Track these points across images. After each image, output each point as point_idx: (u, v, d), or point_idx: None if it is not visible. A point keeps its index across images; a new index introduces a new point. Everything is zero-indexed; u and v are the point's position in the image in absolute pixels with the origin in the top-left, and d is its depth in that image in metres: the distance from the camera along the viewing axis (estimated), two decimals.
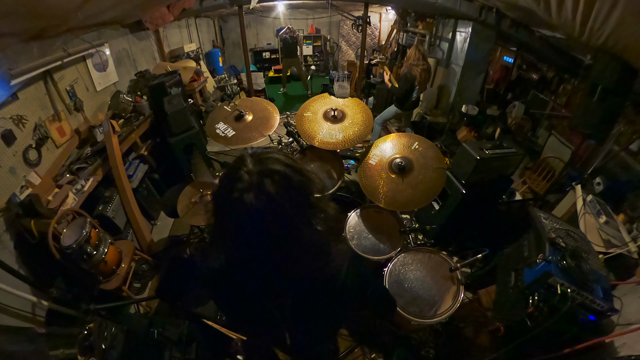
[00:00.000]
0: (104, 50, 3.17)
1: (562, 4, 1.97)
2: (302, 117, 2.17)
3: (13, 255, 1.96)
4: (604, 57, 2.12)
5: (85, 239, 1.97)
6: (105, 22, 2.82)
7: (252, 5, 4.54)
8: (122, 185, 2.64)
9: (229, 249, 0.69)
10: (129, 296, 2.26)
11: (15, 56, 1.98)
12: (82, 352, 1.32)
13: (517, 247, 1.91)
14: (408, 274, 1.70)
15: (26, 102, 2.22)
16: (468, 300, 2.18)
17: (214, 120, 2.28)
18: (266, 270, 0.70)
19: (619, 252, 1.92)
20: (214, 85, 6.10)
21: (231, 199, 0.60)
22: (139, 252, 2.57)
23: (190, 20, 6.01)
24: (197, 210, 2.20)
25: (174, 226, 3.22)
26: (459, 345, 2.03)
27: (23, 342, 1.40)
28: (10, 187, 2.02)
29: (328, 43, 8.99)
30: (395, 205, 1.86)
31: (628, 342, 1.43)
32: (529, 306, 1.49)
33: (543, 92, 4.20)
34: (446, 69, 4.76)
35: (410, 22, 5.63)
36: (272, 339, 1.06)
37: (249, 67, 5.57)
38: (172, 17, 3.83)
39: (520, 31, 3.64)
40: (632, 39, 1.83)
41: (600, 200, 2.33)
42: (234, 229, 0.64)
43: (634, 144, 2.58)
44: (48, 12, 1.76)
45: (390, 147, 1.99)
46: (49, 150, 2.42)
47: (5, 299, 1.77)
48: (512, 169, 2.46)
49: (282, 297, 0.78)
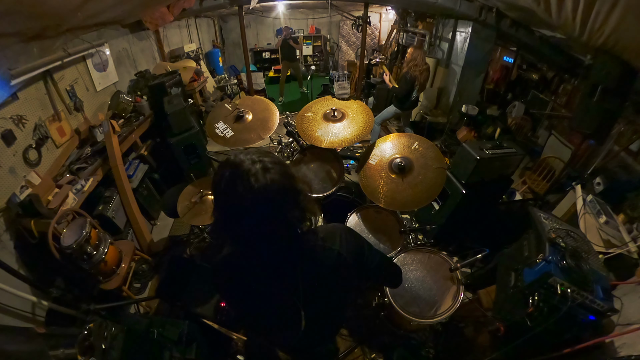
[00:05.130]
0: (104, 50, 3.17)
1: (562, 4, 1.97)
2: (302, 117, 2.17)
3: (13, 255, 1.96)
4: (604, 57, 2.12)
5: (85, 239, 1.97)
6: (105, 22, 2.82)
7: (252, 5, 4.54)
8: (122, 185, 2.64)
9: (232, 237, 0.75)
10: (129, 296, 2.27)
11: (15, 56, 1.98)
12: (82, 352, 1.31)
13: (517, 247, 1.91)
14: (408, 274, 1.70)
15: (26, 102, 2.22)
16: (468, 300, 2.18)
17: (214, 118, 2.28)
18: (265, 258, 0.77)
19: (619, 252, 1.92)
20: (214, 85, 6.10)
21: (223, 192, 0.69)
22: (139, 252, 2.57)
23: (190, 20, 6.01)
24: (197, 210, 2.20)
25: (174, 226, 3.22)
26: (459, 345, 2.03)
27: (23, 342, 1.40)
28: (10, 187, 2.02)
29: (328, 43, 8.99)
30: (395, 205, 1.85)
31: (628, 342, 1.43)
32: (529, 306, 1.49)
33: (543, 92, 4.21)
34: (446, 69, 4.76)
35: (410, 22, 5.63)
36: (284, 331, 1.05)
37: (249, 67, 5.57)
38: (172, 17, 3.82)
39: (520, 31, 3.64)
40: (632, 39, 1.83)
41: (600, 200, 2.33)
42: (234, 217, 0.70)
43: (634, 144, 2.58)
44: (48, 12, 1.76)
45: (390, 147, 1.98)
46: (49, 150, 2.42)
47: (5, 299, 1.77)
48: (512, 169, 2.46)
49: (292, 281, 0.81)
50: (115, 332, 1.44)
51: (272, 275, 0.81)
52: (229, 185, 0.68)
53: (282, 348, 1.23)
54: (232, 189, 0.67)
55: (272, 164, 0.69)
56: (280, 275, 0.81)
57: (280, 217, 0.71)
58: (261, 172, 0.67)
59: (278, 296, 0.84)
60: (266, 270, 0.80)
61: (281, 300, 0.84)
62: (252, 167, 0.67)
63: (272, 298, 0.85)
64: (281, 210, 0.70)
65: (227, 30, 8.25)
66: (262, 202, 0.67)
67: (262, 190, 0.66)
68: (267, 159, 0.70)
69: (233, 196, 0.67)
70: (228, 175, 0.68)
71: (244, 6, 4.72)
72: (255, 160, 0.69)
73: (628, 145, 2.62)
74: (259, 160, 0.69)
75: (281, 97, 6.88)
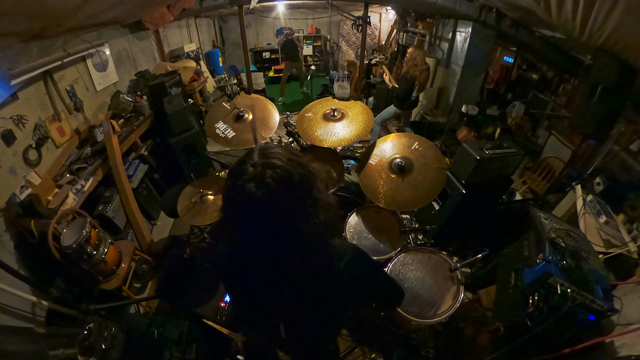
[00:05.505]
0: (104, 50, 3.17)
1: (562, 4, 1.97)
2: (302, 117, 2.17)
3: (13, 255, 1.96)
4: (604, 57, 2.12)
5: (85, 239, 1.97)
6: (105, 22, 2.83)
7: (252, 5, 4.54)
8: (122, 185, 2.64)
9: (232, 236, 0.72)
10: (129, 296, 2.26)
11: (15, 56, 1.98)
12: (82, 352, 1.32)
13: (517, 247, 1.91)
14: (408, 274, 1.70)
15: (26, 102, 2.22)
16: (468, 300, 2.19)
17: (213, 118, 2.28)
18: (265, 261, 0.72)
19: (619, 252, 1.92)
20: (214, 85, 6.10)
21: (236, 188, 0.64)
22: (139, 252, 2.57)
23: (190, 20, 6.01)
24: (197, 210, 2.20)
25: (174, 226, 3.21)
26: (459, 345, 2.03)
27: (23, 342, 1.40)
28: (10, 187, 2.02)
29: (328, 43, 8.99)
30: (395, 205, 1.85)
31: (628, 342, 1.43)
32: (529, 306, 1.49)
33: (543, 92, 4.20)
34: (446, 69, 4.76)
35: (410, 22, 5.63)
36: (271, 337, 1.06)
37: (249, 67, 5.57)
38: (172, 17, 3.83)
39: (520, 31, 3.64)
40: (632, 39, 1.83)
41: (600, 200, 2.33)
42: (236, 217, 0.68)
43: (634, 144, 2.58)
44: (48, 12, 1.76)
45: (390, 147, 1.99)
46: (49, 150, 2.42)
47: (5, 299, 1.77)
48: (512, 169, 2.46)
49: (280, 289, 0.79)
50: (115, 332, 1.44)
51: (264, 279, 0.80)
52: (231, 193, 0.66)
53: (281, 348, 1.23)
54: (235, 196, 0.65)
55: (279, 170, 0.63)
56: (270, 283, 0.80)
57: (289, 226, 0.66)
58: (262, 180, 0.62)
59: (263, 301, 0.82)
60: (260, 273, 0.78)
61: (265, 308, 0.83)
62: (255, 173, 0.62)
63: (258, 302, 0.84)
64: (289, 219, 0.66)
65: (227, 30, 8.25)
66: (262, 211, 0.63)
67: (262, 200, 0.62)
68: (278, 161, 0.64)
69: (233, 205, 0.66)
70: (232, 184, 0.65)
71: (244, 6, 4.72)
72: (260, 164, 0.63)
73: (628, 145, 2.62)
74: (264, 165, 0.63)
75: (281, 97, 6.84)
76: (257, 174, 0.62)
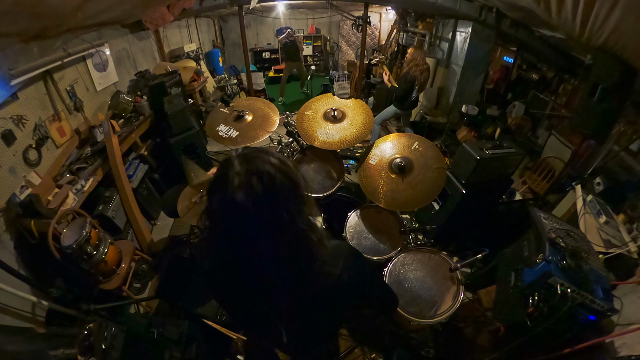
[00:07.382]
0: (104, 50, 3.17)
1: (562, 4, 1.97)
2: (302, 116, 2.17)
3: (13, 255, 1.96)
4: (604, 57, 2.12)
5: (85, 239, 1.97)
6: (105, 22, 2.82)
7: (252, 5, 4.54)
8: (122, 185, 2.64)
9: (222, 247, 0.69)
10: (129, 296, 2.27)
11: (15, 56, 1.98)
12: (82, 352, 1.32)
13: (517, 247, 1.91)
14: (408, 274, 1.70)
15: (26, 102, 2.22)
16: (468, 300, 2.19)
17: (214, 123, 2.28)
18: (258, 267, 0.70)
19: (619, 252, 1.92)
20: (214, 85, 6.10)
21: (224, 201, 0.61)
22: (139, 252, 2.57)
23: (190, 20, 6.01)
24: (197, 210, 2.20)
25: (174, 226, 3.21)
26: (459, 345, 2.03)
27: (23, 342, 1.40)
28: (10, 187, 2.02)
29: (328, 43, 8.98)
30: (395, 205, 1.85)
31: (628, 342, 1.43)
32: (529, 306, 1.49)
33: (543, 92, 4.20)
34: (446, 69, 4.76)
35: (410, 22, 5.63)
36: (270, 339, 1.05)
37: (249, 67, 5.57)
38: (172, 17, 3.83)
39: (520, 31, 3.64)
40: (632, 39, 1.83)
41: (600, 200, 2.33)
42: (230, 231, 0.64)
43: (634, 144, 2.58)
44: (48, 12, 1.76)
45: (390, 147, 1.98)
46: (49, 150, 2.42)
47: (5, 299, 1.77)
48: (512, 169, 2.46)
49: (276, 297, 0.77)
50: (115, 332, 1.44)
51: (259, 289, 0.76)
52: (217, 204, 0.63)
53: (281, 349, 1.23)
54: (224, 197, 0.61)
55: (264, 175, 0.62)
56: (268, 291, 0.77)
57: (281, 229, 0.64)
58: (248, 187, 0.60)
59: (263, 310, 0.81)
60: (258, 285, 0.75)
61: (265, 315, 0.81)
62: (240, 181, 0.60)
63: (257, 310, 0.82)
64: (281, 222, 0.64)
65: (227, 30, 8.25)
66: (251, 220, 0.61)
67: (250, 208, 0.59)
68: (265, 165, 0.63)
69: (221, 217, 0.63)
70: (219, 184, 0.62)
71: (244, 6, 4.72)
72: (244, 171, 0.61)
73: (628, 145, 2.61)
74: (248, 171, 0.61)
75: (281, 97, 6.82)
76: (242, 183, 0.59)
